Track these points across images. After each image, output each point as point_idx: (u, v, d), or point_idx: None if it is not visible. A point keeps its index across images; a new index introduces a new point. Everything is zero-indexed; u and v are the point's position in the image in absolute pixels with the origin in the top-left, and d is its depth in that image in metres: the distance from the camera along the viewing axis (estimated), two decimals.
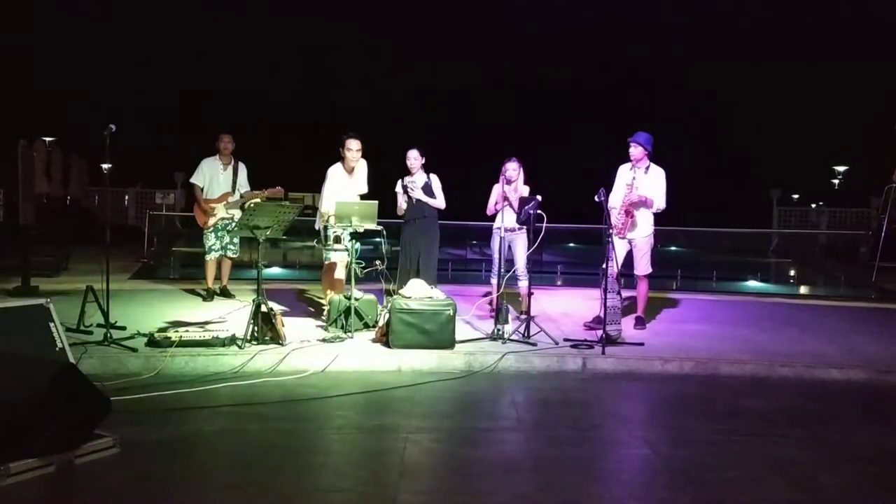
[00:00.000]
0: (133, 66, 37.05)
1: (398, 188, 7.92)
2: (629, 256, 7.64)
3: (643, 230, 7.56)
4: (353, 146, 7.44)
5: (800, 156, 38.77)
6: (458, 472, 4.07)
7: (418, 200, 7.79)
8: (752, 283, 15.55)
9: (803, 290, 15.88)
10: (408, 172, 7.84)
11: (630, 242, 7.56)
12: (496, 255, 7.67)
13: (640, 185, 7.44)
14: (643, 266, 7.66)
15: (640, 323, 7.72)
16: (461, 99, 43.04)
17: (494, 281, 7.70)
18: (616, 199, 7.52)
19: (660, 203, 7.52)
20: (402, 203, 7.88)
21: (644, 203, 7.43)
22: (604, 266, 7.17)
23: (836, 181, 36.15)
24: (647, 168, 7.52)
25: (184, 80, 38.88)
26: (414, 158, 7.82)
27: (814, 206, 29.88)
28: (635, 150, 7.49)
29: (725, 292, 12.58)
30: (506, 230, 7.63)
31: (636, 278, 7.81)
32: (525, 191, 7.70)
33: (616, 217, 7.42)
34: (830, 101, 39.03)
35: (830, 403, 5.77)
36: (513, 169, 7.66)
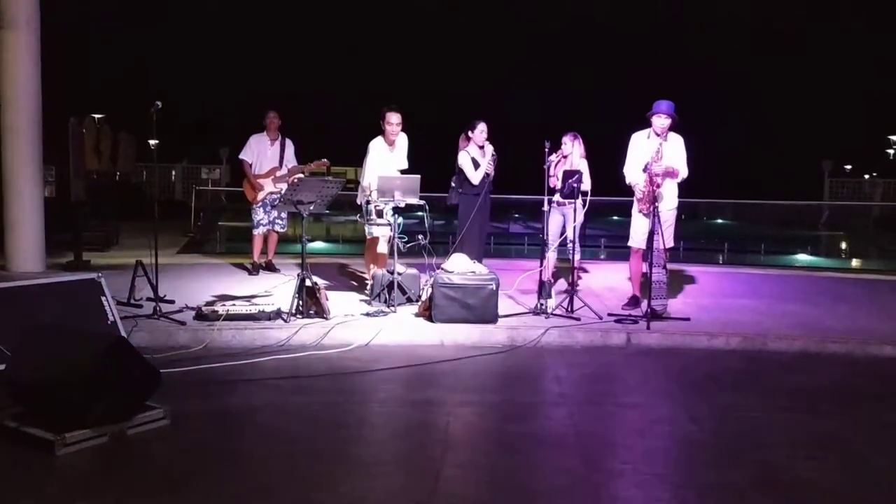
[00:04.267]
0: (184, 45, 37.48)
1: (468, 160, 7.78)
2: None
3: (669, 202, 7.02)
4: (394, 119, 7.40)
5: (853, 125, 37.63)
6: (501, 447, 4.08)
7: (486, 174, 7.84)
8: (802, 257, 15.23)
9: (855, 263, 15.52)
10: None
11: (654, 215, 6.86)
12: (551, 229, 7.68)
13: (664, 153, 6.89)
14: (667, 239, 6.96)
15: (636, 302, 7.22)
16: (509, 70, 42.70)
17: (550, 254, 7.71)
18: (637, 173, 6.96)
19: (684, 172, 7.00)
20: (479, 174, 7.80)
21: (671, 174, 6.92)
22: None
23: (892, 151, 35.01)
24: (666, 136, 6.94)
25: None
26: (486, 132, 7.79)
27: (867, 176, 29.05)
28: (666, 122, 6.88)
29: (774, 266, 12.36)
30: (557, 203, 7.66)
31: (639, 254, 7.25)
32: (584, 166, 7.66)
33: (640, 190, 6.97)
34: (885, 69, 37.71)
35: (883, 381, 5.63)
36: (565, 143, 7.67)
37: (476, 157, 7.81)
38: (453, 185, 7.95)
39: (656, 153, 6.89)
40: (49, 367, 3.92)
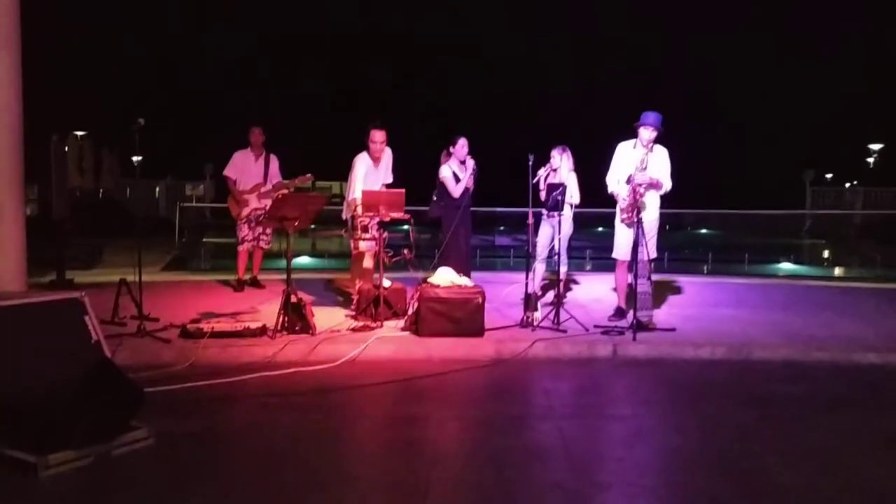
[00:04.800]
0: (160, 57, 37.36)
1: (450, 174, 7.87)
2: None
3: (651, 213, 6.97)
4: (378, 138, 7.40)
5: (833, 135, 38.05)
6: (490, 461, 4.06)
7: (466, 188, 7.90)
8: (786, 266, 15.34)
9: (838, 271, 15.65)
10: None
11: (638, 226, 6.86)
12: (540, 240, 7.75)
13: (649, 164, 6.91)
14: (650, 250, 6.96)
15: (621, 314, 7.24)
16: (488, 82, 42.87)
17: (539, 266, 7.73)
18: (620, 183, 7.01)
19: (668, 184, 7.02)
20: (460, 188, 7.88)
21: (654, 185, 6.93)
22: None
23: (871, 160, 35.41)
24: (652, 148, 6.97)
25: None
26: (467, 147, 7.89)
27: (848, 185, 29.36)
28: (652, 134, 6.91)
29: (758, 275, 12.44)
30: (548, 216, 7.71)
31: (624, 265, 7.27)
32: (572, 179, 7.71)
33: (622, 200, 7.01)
34: (864, 78, 38.21)
35: (868, 388, 5.66)
36: (554, 156, 7.74)
37: (457, 171, 7.87)
38: (434, 198, 8.02)
39: (641, 163, 6.91)
40: (31, 388, 3.89)
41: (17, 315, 4.98)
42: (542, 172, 7.66)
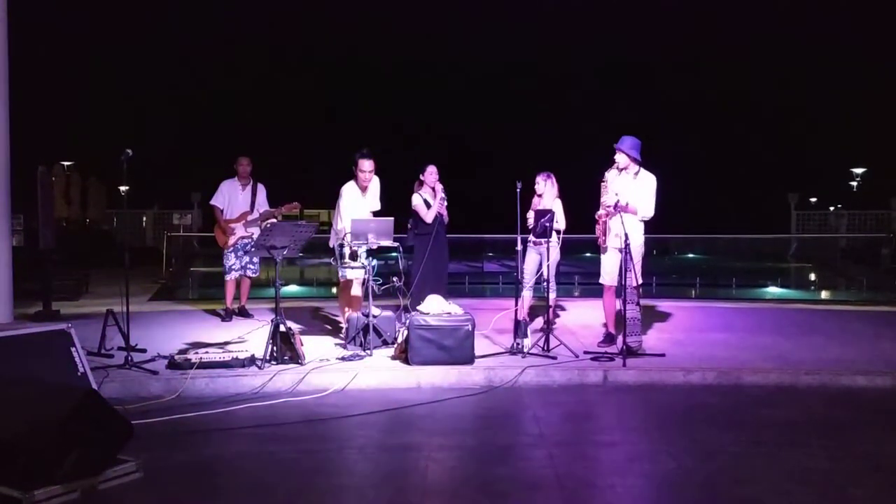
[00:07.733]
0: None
1: (420, 201, 8.03)
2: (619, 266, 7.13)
3: (634, 239, 6.87)
4: (366, 167, 7.42)
5: (817, 159, 38.52)
6: (481, 491, 4.03)
7: (439, 214, 7.99)
8: (773, 290, 15.42)
9: (825, 294, 15.73)
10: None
11: (619, 252, 6.90)
12: (527, 267, 7.79)
13: (623, 189, 6.96)
14: (636, 276, 6.94)
15: (611, 340, 7.31)
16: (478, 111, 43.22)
17: (527, 293, 7.74)
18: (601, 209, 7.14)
19: (645, 211, 7.01)
20: (432, 214, 7.99)
21: (625, 209, 6.90)
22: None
23: (855, 183, 35.80)
24: (637, 174, 7.02)
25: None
26: (436, 174, 8.04)
27: (832, 209, 29.62)
28: (621, 158, 6.99)
29: (746, 299, 12.48)
30: (533, 243, 7.75)
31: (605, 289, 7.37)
32: (558, 205, 7.76)
33: (598, 227, 7.14)
34: (847, 103, 38.75)
35: (857, 411, 5.68)
36: (538, 182, 7.83)
37: (428, 198, 8.02)
38: (410, 226, 8.10)
39: (604, 186, 7.05)
40: (16, 422, 3.83)
41: (2, 347, 4.94)
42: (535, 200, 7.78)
